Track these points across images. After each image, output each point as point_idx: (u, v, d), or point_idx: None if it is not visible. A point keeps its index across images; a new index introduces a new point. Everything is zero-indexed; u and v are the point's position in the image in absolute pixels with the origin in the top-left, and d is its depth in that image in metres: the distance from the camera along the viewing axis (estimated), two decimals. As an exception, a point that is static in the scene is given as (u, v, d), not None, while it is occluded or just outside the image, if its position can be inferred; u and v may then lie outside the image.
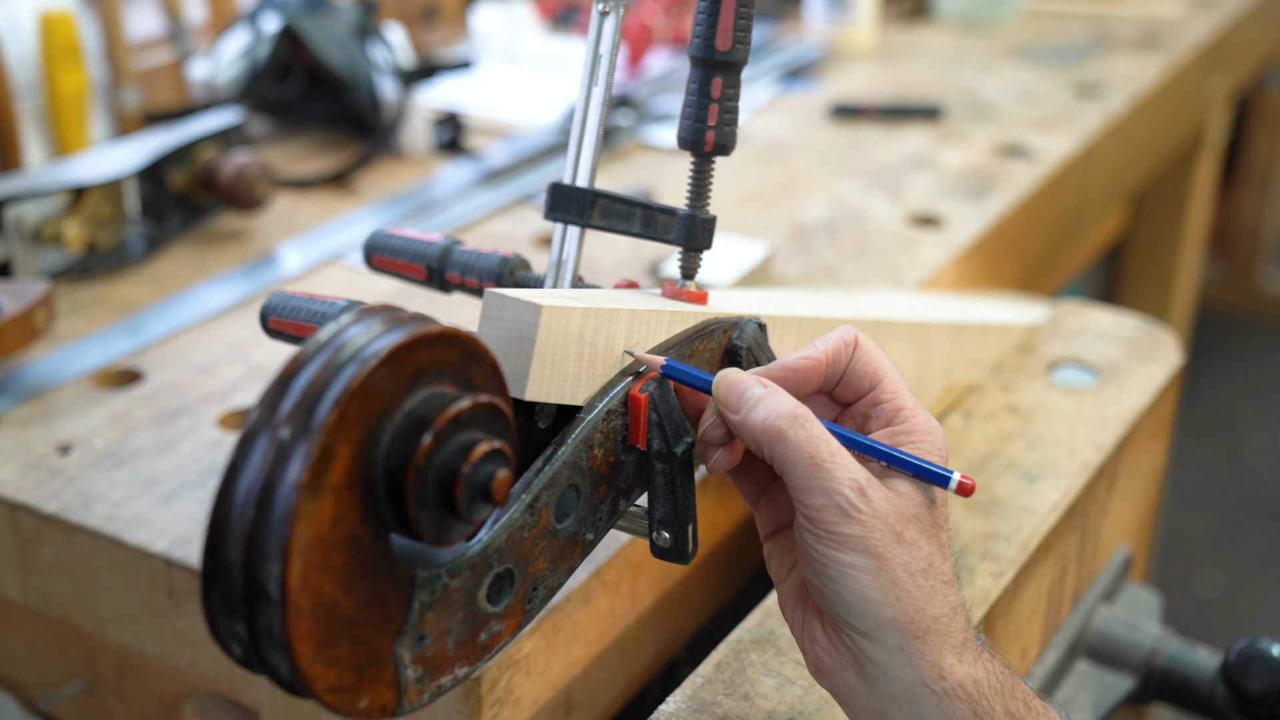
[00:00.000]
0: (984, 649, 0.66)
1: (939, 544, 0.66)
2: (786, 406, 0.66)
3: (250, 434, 0.55)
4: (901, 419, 0.69)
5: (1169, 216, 2.42)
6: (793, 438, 0.65)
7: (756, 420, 0.66)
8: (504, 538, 0.64)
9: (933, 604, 0.64)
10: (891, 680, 0.64)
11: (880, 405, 0.70)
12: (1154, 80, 1.89)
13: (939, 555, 0.66)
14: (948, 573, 0.66)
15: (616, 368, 0.72)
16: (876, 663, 0.64)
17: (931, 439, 0.68)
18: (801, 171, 1.55)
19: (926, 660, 0.64)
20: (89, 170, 1.29)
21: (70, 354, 1.14)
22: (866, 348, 0.71)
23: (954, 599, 0.65)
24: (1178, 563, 2.67)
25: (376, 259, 0.90)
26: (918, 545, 0.65)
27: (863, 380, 0.70)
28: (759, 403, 0.66)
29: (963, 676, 0.64)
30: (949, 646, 0.64)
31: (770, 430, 0.65)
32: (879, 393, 0.70)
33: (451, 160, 1.59)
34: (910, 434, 0.68)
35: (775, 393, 0.67)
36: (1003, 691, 0.65)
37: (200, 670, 0.93)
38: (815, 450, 0.64)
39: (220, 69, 1.65)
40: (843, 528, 0.63)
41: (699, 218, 0.78)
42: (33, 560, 0.96)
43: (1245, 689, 0.94)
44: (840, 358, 0.70)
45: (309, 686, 0.56)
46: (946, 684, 0.64)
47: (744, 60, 0.76)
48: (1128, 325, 1.18)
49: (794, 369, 0.70)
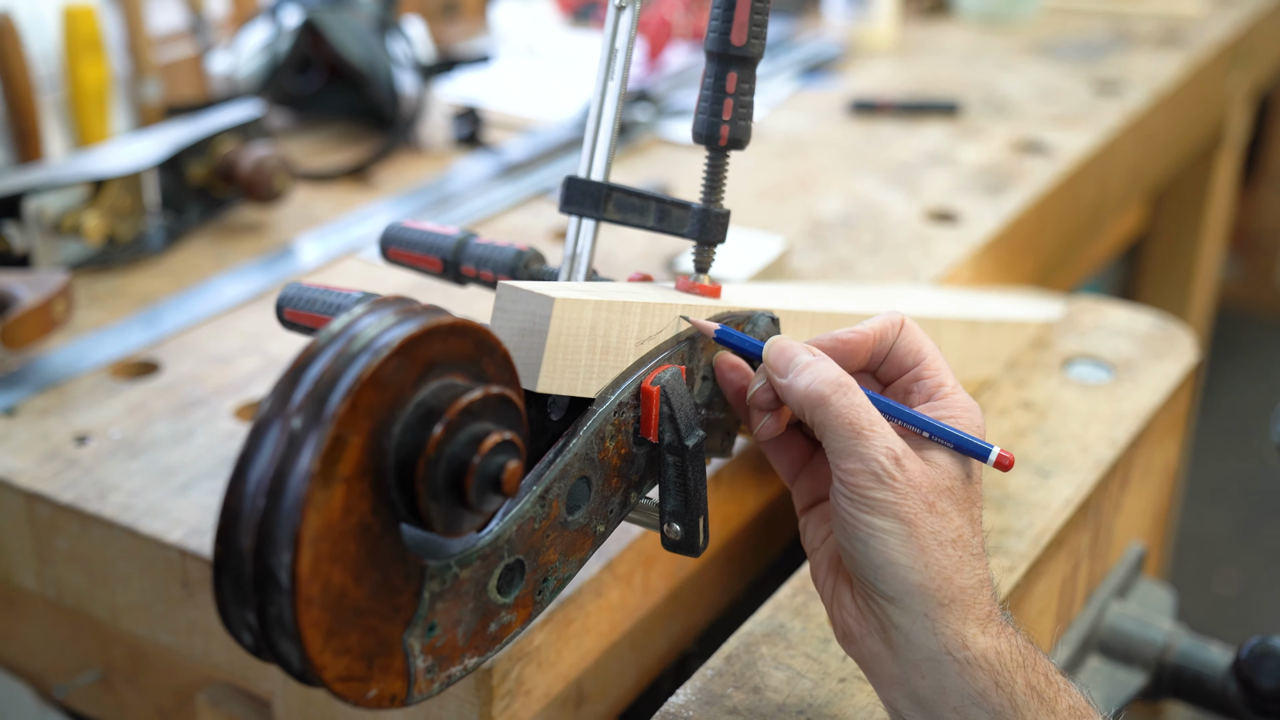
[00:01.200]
0: (1008, 623, 0.67)
1: (971, 518, 0.68)
2: (831, 374, 0.68)
3: (262, 423, 0.55)
4: (942, 395, 0.71)
5: (1188, 214, 2.41)
6: (835, 403, 0.67)
7: (801, 385, 0.68)
8: (515, 529, 0.65)
9: (960, 574, 0.65)
10: (915, 647, 0.65)
11: (922, 381, 0.72)
12: (1174, 78, 1.88)
13: (970, 528, 0.67)
14: (977, 546, 0.67)
15: (629, 360, 0.72)
16: (901, 629, 0.66)
17: (971, 416, 0.70)
18: (819, 167, 1.55)
19: (950, 628, 0.65)
20: (109, 162, 1.29)
21: (88, 345, 1.15)
22: (912, 328, 0.73)
23: (981, 572, 0.67)
24: (1197, 560, 2.66)
25: (392, 251, 0.90)
26: (949, 516, 0.66)
27: (906, 358, 0.73)
28: (806, 368, 0.69)
29: (985, 647, 0.65)
30: (973, 617, 0.65)
31: (814, 395, 0.67)
32: (921, 369, 0.72)
33: (470, 154, 1.59)
34: (950, 409, 0.70)
35: (822, 360, 0.69)
36: (1024, 665, 0.66)
37: (213, 660, 0.93)
38: (855, 417, 0.66)
39: (241, 62, 1.65)
40: (876, 493, 0.65)
41: (713, 211, 0.78)
42: (48, 549, 0.97)
43: (1257, 686, 0.94)
44: (887, 335, 0.73)
45: (319, 675, 0.56)
46: (969, 653, 0.65)
47: (759, 55, 0.76)
48: (1143, 322, 1.18)
49: (843, 340, 0.72)
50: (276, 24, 1.64)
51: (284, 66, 1.63)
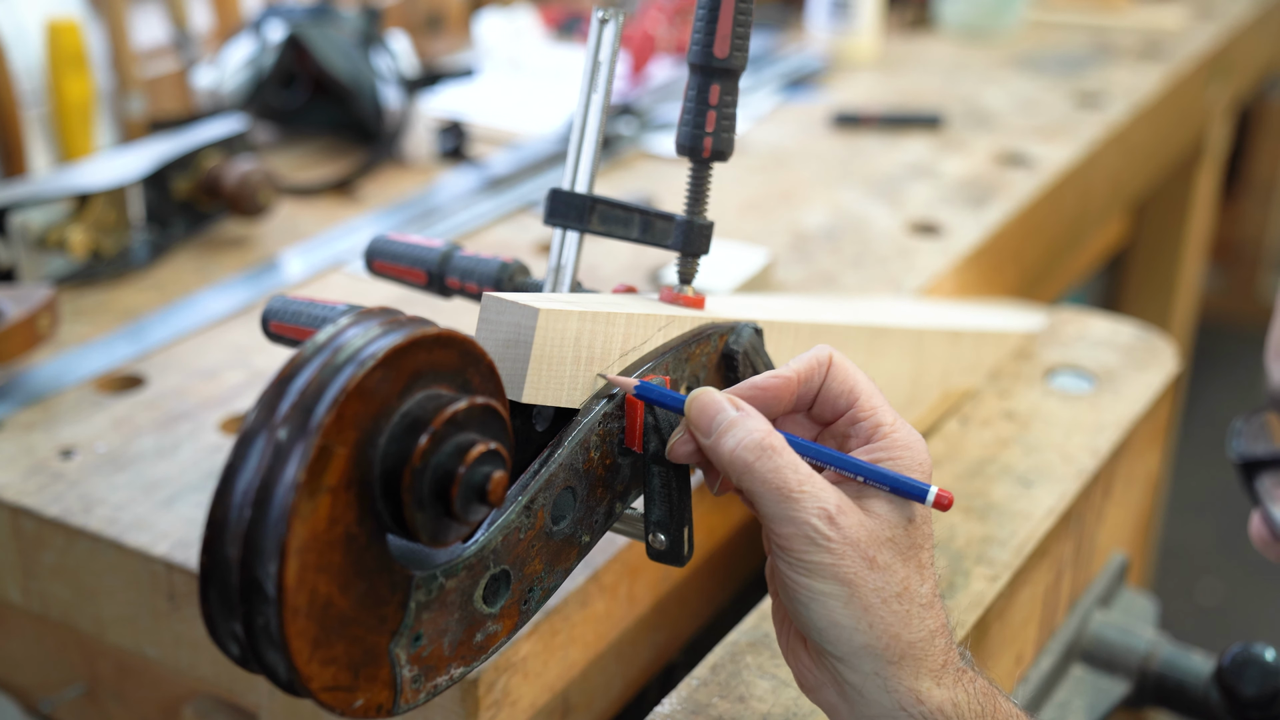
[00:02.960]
0: (967, 668, 0.66)
1: (917, 564, 0.65)
2: (754, 436, 0.65)
3: (248, 434, 0.56)
4: (881, 435, 0.68)
5: (1170, 226, 2.42)
6: (759, 469, 0.64)
7: (725, 450, 0.65)
8: (500, 539, 0.65)
9: (908, 629, 0.64)
10: (870, 703, 0.64)
11: (859, 423, 0.69)
12: (1154, 90, 1.90)
13: (916, 577, 0.65)
14: (926, 595, 0.65)
15: (614, 371, 0.72)
16: (853, 685, 0.65)
17: (913, 454, 0.67)
18: (802, 180, 1.56)
19: (903, 685, 0.64)
20: (94, 177, 1.30)
21: (73, 359, 1.15)
22: (841, 366, 0.70)
23: (932, 622, 0.65)
24: (1179, 571, 2.67)
25: (377, 264, 0.91)
26: (892, 569, 0.64)
27: (839, 399, 0.69)
28: (729, 429, 0.66)
29: (941, 700, 0.64)
30: (926, 670, 0.64)
31: (738, 462, 0.65)
32: (856, 410, 0.69)
33: (454, 168, 1.60)
34: (890, 449, 0.67)
35: (745, 419, 0.66)
36: (984, 713, 0.65)
37: (200, 673, 0.93)
38: (782, 481, 0.64)
39: (225, 77, 1.66)
40: (812, 556, 0.63)
41: (696, 223, 0.78)
42: (34, 564, 0.97)
43: (1239, 693, 0.94)
44: (814, 376, 0.69)
45: (305, 685, 0.56)
46: (924, 708, 0.64)
47: (742, 67, 0.77)
48: (1124, 333, 1.18)
49: (764, 388, 0.69)
50: (261, 39, 1.65)
51: (268, 81, 1.64)
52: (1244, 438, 0.80)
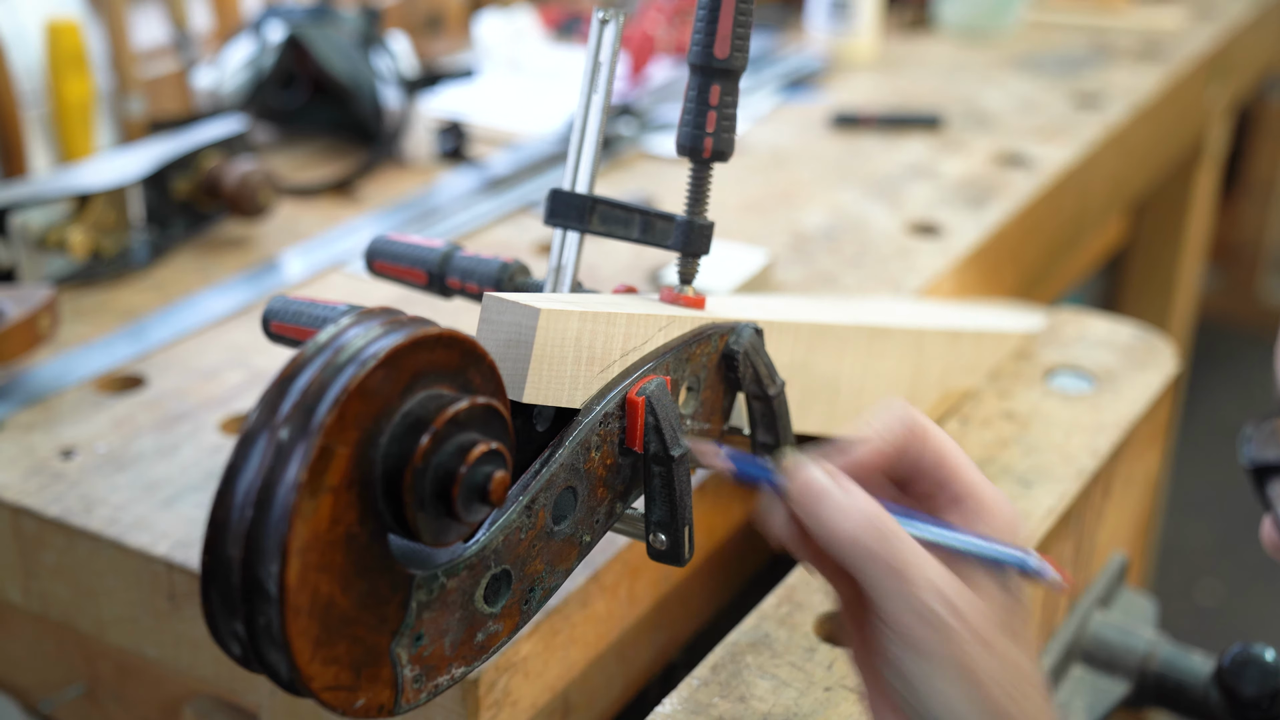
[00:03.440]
0: None
1: (1026, 643, 0.62)
2: (868, 515, 0.61)
3: (250, 434, 0.56)
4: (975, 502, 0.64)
5: (1169, 227, 2.42)
6: (879, 551, 0.61)
7: (843, 535, 0.61)
8: (501, 539, 0.65)
9: (1024, 714, 0.60)
10: None
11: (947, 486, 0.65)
12: (1154, 91, 1.90)
13: (1028, 660, 0.62)
14: (1038, 677, 0.62)
15: (614, 371, 0.72)
16: None
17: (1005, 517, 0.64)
18: (802, 180, 1.56)
19: None
20: (94, 178, 1.30)
21: (73, 359, 1.15)
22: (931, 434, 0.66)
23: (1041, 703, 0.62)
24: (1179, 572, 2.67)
25: (378, 264, 0.91)
26: (1008, 653, 0.61)
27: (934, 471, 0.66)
28: (840, 513, 0.62)
29: None
30: None
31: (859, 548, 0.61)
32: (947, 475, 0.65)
33: (454, 168, 1.60)
34: (987, 517, 0.64)
35: (854, 500, 0.62)
36: None
37: (200, 673, 0.93)
38: (901, 562, 0.60)
39: (225, 77, 1.66)
40: (932, 644, 0.60)
41: (696, 223, 0.79)
42: (34, 564, 0.97)
43: (1239, 693, 0.94)
44: (908, 447, 0.65)
45: (307, 685, 0.57)
46: None
47: (742, 67, 0.77)
48: (1124, 333, 1.18)
49: (860, 464, 0.65)
50: (261, 39, 1.65)
51: (268, 82, 1.64)
52: (1254, 443, 0.80)
